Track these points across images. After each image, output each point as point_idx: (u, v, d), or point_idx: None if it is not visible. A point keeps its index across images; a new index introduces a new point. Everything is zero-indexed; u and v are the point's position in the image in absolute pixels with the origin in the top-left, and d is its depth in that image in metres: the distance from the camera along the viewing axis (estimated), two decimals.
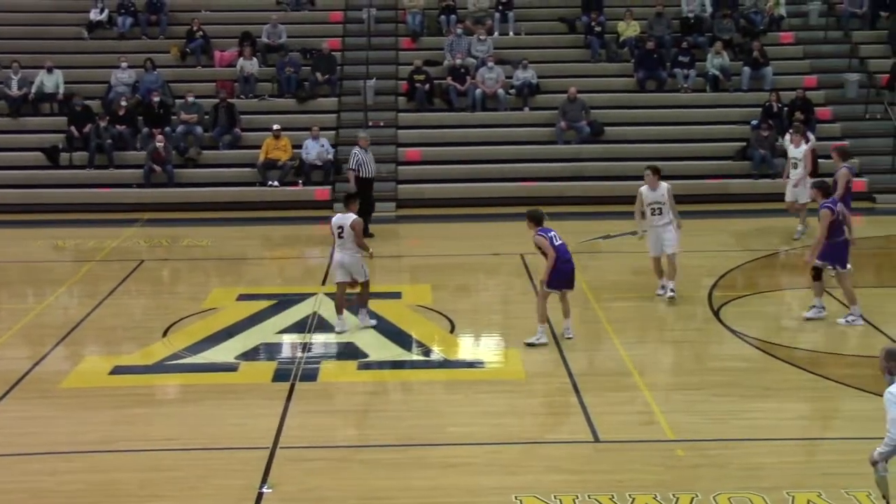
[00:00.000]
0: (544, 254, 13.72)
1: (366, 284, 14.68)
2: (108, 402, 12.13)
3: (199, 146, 24.50)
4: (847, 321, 14.63)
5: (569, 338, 14.01)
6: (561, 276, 13.73)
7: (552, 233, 13.80)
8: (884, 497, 7.95)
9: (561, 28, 28.27)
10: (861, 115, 25.72)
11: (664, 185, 15.67)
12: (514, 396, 12.19)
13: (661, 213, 15.62)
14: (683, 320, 15.33)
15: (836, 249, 14.43)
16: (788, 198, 19.70)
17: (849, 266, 14.60)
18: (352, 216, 14.43)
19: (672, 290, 15.74)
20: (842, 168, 17.74)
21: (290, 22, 27.86)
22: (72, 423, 11.51)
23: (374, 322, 14.83)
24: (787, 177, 19.67)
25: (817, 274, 14.67)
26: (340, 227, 14.42)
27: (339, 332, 14.49)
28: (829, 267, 14.56)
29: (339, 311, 14.66)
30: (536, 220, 13.87)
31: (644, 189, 15.70)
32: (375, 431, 11.23)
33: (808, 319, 14.78)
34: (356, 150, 20.44)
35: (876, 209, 23.15)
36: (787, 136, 23.29)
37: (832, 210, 14.39)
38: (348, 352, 13.94)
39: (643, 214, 15.77)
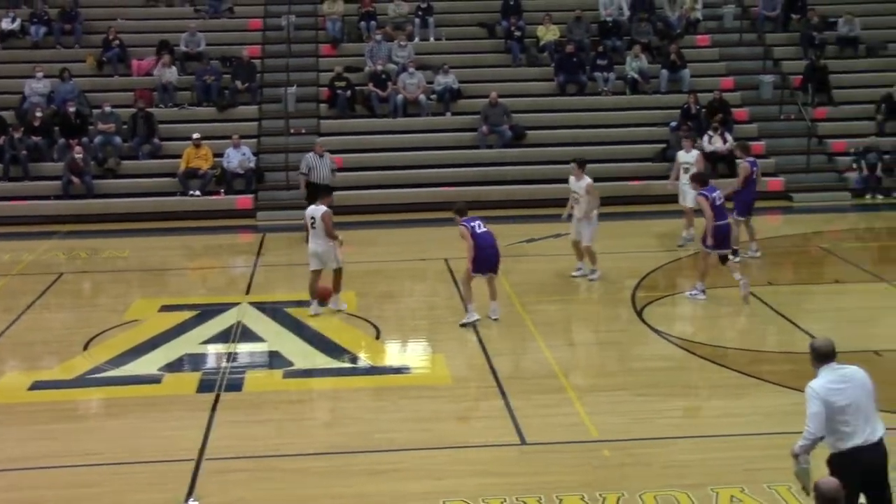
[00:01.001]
0: None
1: (339, 271, 15.64)
2: (27, 419, 11.90)
3: (117, 156, 24.17)
4: (691, 295, 15.91)
5: (494, 318, 14.92)
6: (483, 261, 14.76)
7: (475, 222, 14.86)
8: (804, 489, 8.09)
9: (481, 33, 28.39)
10: (776, 115, 26.18)
11: (587, 179, 16.67)
12: (440, 401, 12.21)
13: (578, 204, 16.72)
14: (607, 321, 15.48)
15: (719, 231, 15.64)
16: (683, 203, 19.61)
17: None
18: (323, 208, 15.34)
19: (593, 272, 16.80)
20: (743, 162, 18.51)
21: (208, 30, 27.62)
22: None
23: (344, 306, 15.74)
24: (677, 179, 19.71)
25: (723, 260, 15.73)
26: (313, 218, 15.40)
27: (312, 315, 15.44)
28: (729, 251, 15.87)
29: (312, 297, 15.58)
30: (460, 212, 14.96)
31: (571, 179, 17.05)
32: (302, 440, 11.16)
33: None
34: (309, 155, 20.44)
35: (793, 208, 23.57)
36: (706, 137, 23.73)
37: (707, 196, 15.59)
38: (274, 361, 13.86)
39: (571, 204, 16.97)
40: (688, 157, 19.53)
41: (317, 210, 15.43)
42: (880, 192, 24.19)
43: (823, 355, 8.15)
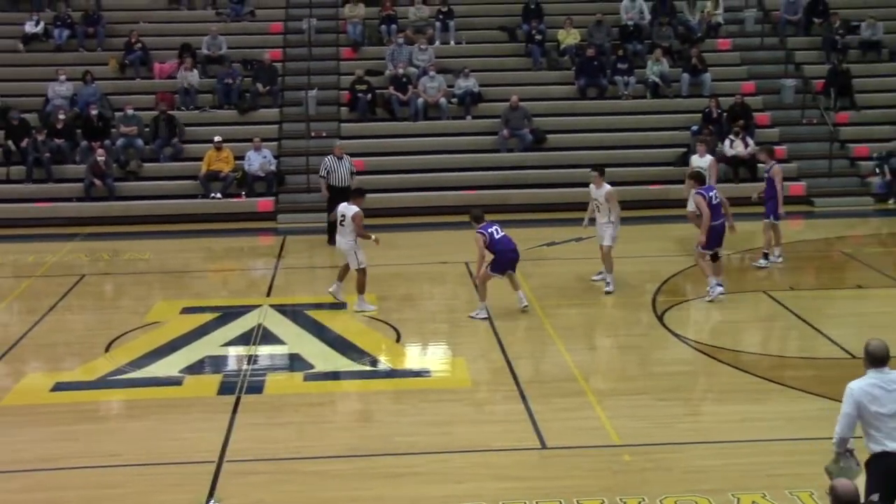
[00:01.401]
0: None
1: (361, 272, 15.95)
2: (49, 420, 11.96)
3: (139, 159, 24.28)
4: (710, 294, 16.00)
5: (524, 306, 15.55)
6: (504, 264, 15.40)
7: (492, 227, 15.38)
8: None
9: (502, 36, 28.39)
10: (798, 119, 26.08)
11: (607, 186, 16.63)
12: (460, 405, 12.21)
13: (600, 211, 16.74)
14: (628, 326, 15.44)
15: (714, 231, 16.01)
16: (690, 207, 19.57)
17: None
18: (355, 209, 15.84)
19: (608, 283, 16.61)
20: (776, 165, 18.41)
21: (230, 33, 27.71)
22: (12, 441, 11.34)
23: (372, 308, 16.01)
24: None
25: (714, 258, 16.16)
26: (343, 216, 15.95)
27: (330, 292, 16.18)
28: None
29: (339, 279, 16.31)
30: (477, 219, 15.48)
31: (592, 186, 16.97)
32: (322, 443, 11.17)
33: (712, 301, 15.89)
34: (328, 158, 20.48)
35: (814, 213, 23.47)
36: (727, 141, 23.65)
37: (704, 195, 15.92)
38: (294, 363, 13.89)
39: (592, 210, 16.99)
40: (701, 161, 19.44)
41: (348, 209, 15.91)
42: None
43: (875, 358, 8.00)
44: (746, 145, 23.83)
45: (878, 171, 24.30)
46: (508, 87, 26.07)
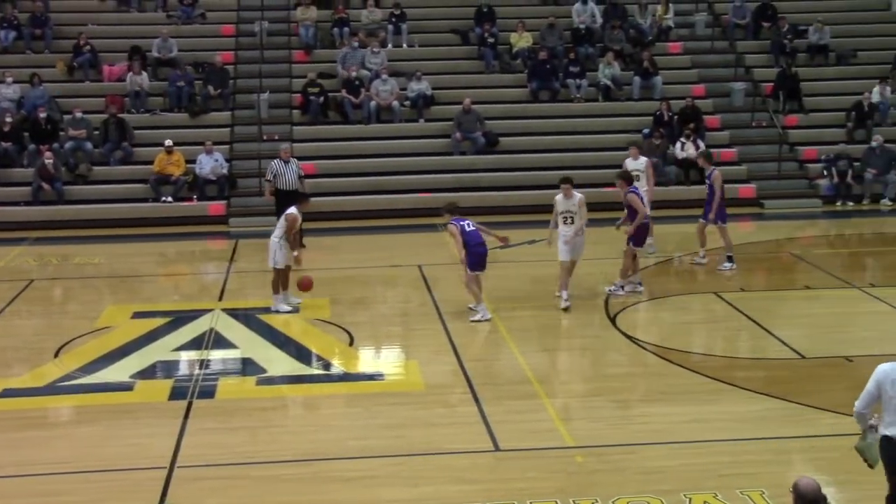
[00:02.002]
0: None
1: (277, 272, 15.93)
2: None
3: (89, 162, 24.01)
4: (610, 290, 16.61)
5: (470, 308, 15.63)
6: (476, 258, 15.34)
7: (466, 221, 15.41)
8: (866, 462, 8.33)
9: (454, 39, 28.42)
10: (747, 122, 26.33)
11: (577, 195, 16.28)
12: (414, 408, 12.18)
13: (572, 222, 16.12)
14: (581, 328, 15.50)
15: (645, 229, 17.03)
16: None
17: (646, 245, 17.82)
18: (293, 210, 15.94)
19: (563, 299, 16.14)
20: (716, 171, 18.56)
21: (180, 35, 27.50)
22: None
23: (287, 308, 16.00)
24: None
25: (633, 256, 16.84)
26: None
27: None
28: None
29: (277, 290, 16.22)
30: (451, 211, 15.54)
31: (559, 198, 16.29)
32: (275, 447, 11.10)
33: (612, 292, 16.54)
34: (275, 161, 20.32)
35: (764, 214, 23.70)
36: (678, 144, 23.84)
37: (637, 193, 16.83)
38: (247, 368, 13.80)
39: (556, 223, 16.35)
40: (636, 164, 19.61)
41: (288, 209, 16.14)
42: (850, 198, 24.36)
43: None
44: (697, 148, 24.02)
45: (826, 173, 24.59)
46: (461, 89, 26.10)
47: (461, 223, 15.37)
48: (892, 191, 24.25)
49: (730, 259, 18.07)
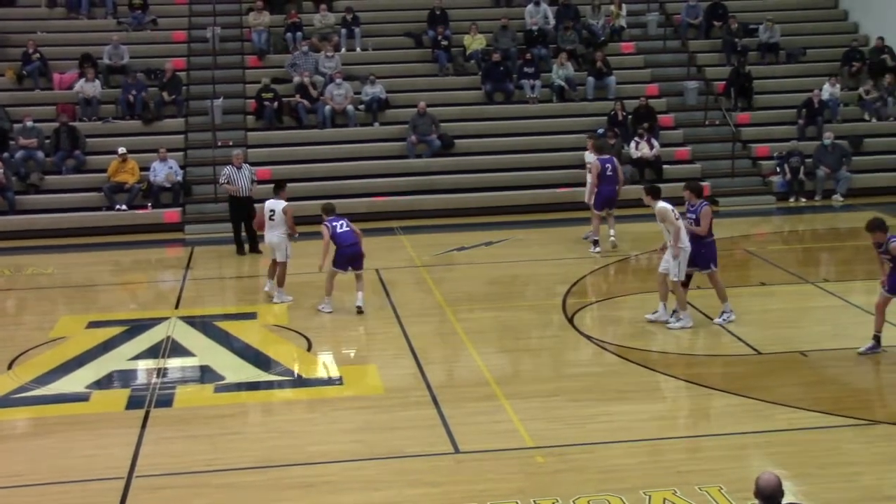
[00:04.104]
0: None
1: (283, 265, 16.65)
2: None
3: (40, 171, 23.75)
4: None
5: (358, 305, 15.97)
6: (343, 258, 15.93)
7: (340, 221, 16.05)
8: None
9: (408, 43, 28.41)
10: (701, 121, 26.52)
11: (660, 203, 14.95)
12: (373, 412, 12.16)
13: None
14: (539, 328, 15.53)
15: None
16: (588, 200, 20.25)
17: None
18: (283, 202, 16.71)
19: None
20: (595, 161, 19.59)
21: (131, 42, 27.26)
22: None
23: (289, 299, 16.70)
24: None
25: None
26: (272, 211, 16.71)
27: (266, 291, 16.95)
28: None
29: (270, 277, 16.93)
30: (326, 211, 16.28)
31: (666, 208, 14.89)
32: (233, 455, 11.02)
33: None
34: (227, 167, 20.23)
35: (718, 212, 23.82)
36: (633, 143, 23.97)
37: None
38: (204, 375, 13.71)
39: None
40: (591, 158, 20.19)
41: (277, 204, 16.75)
42: (803, 195, 24.59)
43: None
44: (651, 147, 24.17)
45: (778, 170, 24.81)
46: (415, 93, 26.09)
47: (334, 223, 16.00)
48: (844, 187, 24.51)
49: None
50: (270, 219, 16.74)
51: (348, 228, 16.05)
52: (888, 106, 26.50)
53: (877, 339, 13.65)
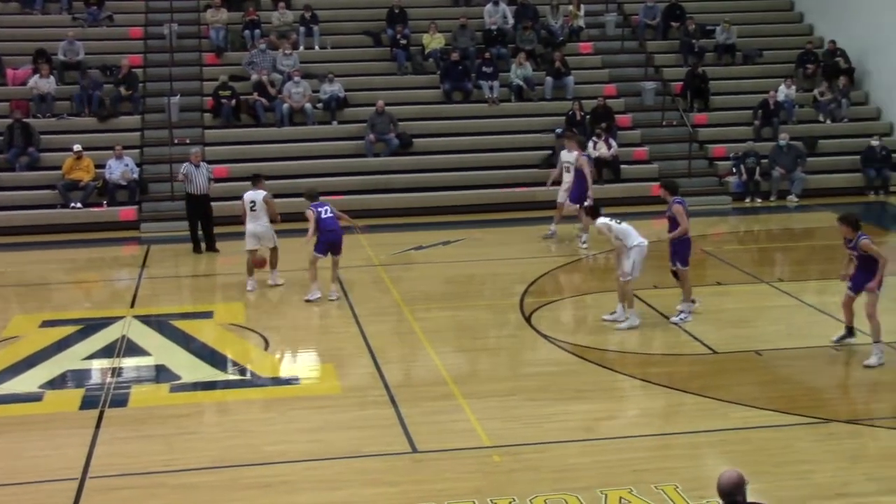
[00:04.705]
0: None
1: (275, 250, 17.37)
2: None
3: None
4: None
5: (332, 299, 16.46)
6: (324, 244, 16.41)
7: (324, 207, 16.54)
8: None
9: (366, 41, 28.35)
10: (658, 121, 26.67)
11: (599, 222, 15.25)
12: (330, 411, 12.13)
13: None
14: (497, 328, 15.55)
15: None
16: (561, 199, 20.41)
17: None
18: (263, 192, 17.26)
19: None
20: (581, 156, 20.00)
21: (87, 38, 27.00)
22: None
23: (281, 281, 17.44)
24: (559, 181, 20.59)
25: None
26: (253, 202, 17.22)
27: (250, 291, 17.22)
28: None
29: (249, 273, 17.37)
30: (310, 197, 16.77)
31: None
32: (190, 455, 10.95)
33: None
34: (185, 165, 20.12)
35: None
36: (591, 143, 24.06)
37: (682, 204, 15.36)
38: (160, 375, 13.61)
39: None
40: (569, 156, 20.38)
41: (257, 195, 17.25)
42: (759, 195, 24.80)
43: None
44: (609, 147, 24.28)
45: (734, 170, 25.00)
46: (374, 91, 26.05)
47: (319, 209, 16.47)
48: (799, 187, 24.75)
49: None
50: (252, 209, 17.21)
51: (332, 214, 16.59)
52: (842, 108, 26.80)
53: (849, 329, 13.89)
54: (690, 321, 15.18)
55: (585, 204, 18.70)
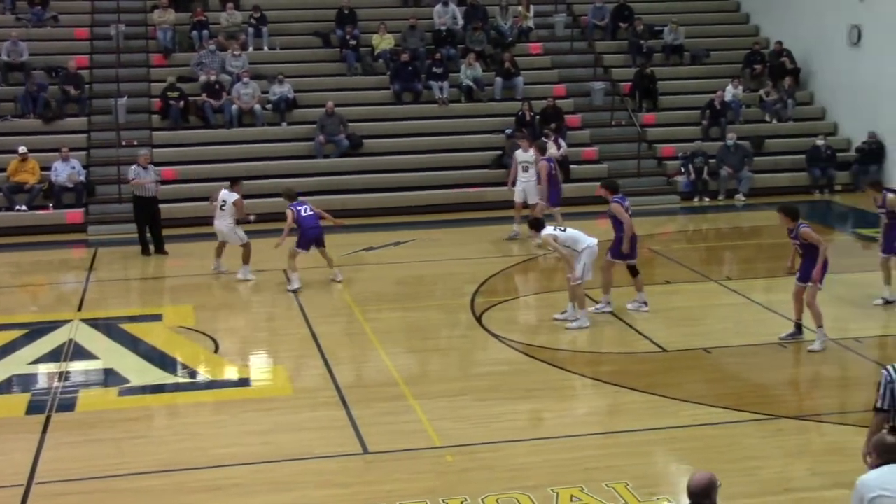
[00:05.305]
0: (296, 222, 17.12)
1: (246, 245, 17.91)
2: None
3: None
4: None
5: (339, 280, 17.46)
6: (307, 239, 17.17)
7: (304, 206, 17.27)
8: None
9: (316, 42, 28.25)
10: (607, 121, 26.82)
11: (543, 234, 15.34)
12: (281, 413, 12.09)
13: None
14: (448, 328, 15.57)
15: None
16: (518, 199, 20.58)
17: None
18: (236, 195, 17.88)
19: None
20: (542, 161, 20.05)
21: (31, 39, 26.66)
22: None
23: (252, 277, 17.87)
24: (514, 181, 20.80)
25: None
26: (224, 202, 17.88)
27: (214, 270, 18.28)
28: None
29: (217, 256, 18.36)
30: (289, 196, 17.46)
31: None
32: (140, 458, 10.86)
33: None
34: (134, 167, 19.90)
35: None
36: (541, 140, 24.08)
37: (622, 203, 15.58)
38: (108, 378, 13.48)
39: None
40: (526, 155, 20.59)
41: (229, 196, 17.88)
42: (707, 194, 25.01)
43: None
44: (559, 147, 24.34)
45: (683, 170, 25.20)
46: (324, 92, 25.97)
47: (298, 208, 17.17)
48: (746, 186, 24.99)
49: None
50: (221, 208, 17.84)
51: (312, 212, 17.29)
52: (788, 108, 27.10)
53: (798, 326, 14.11)
54: (646, 311, 15.44)
55: (529, 218, 18.41)
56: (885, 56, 24.36)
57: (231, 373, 13.94)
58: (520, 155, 20.85)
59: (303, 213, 17.17)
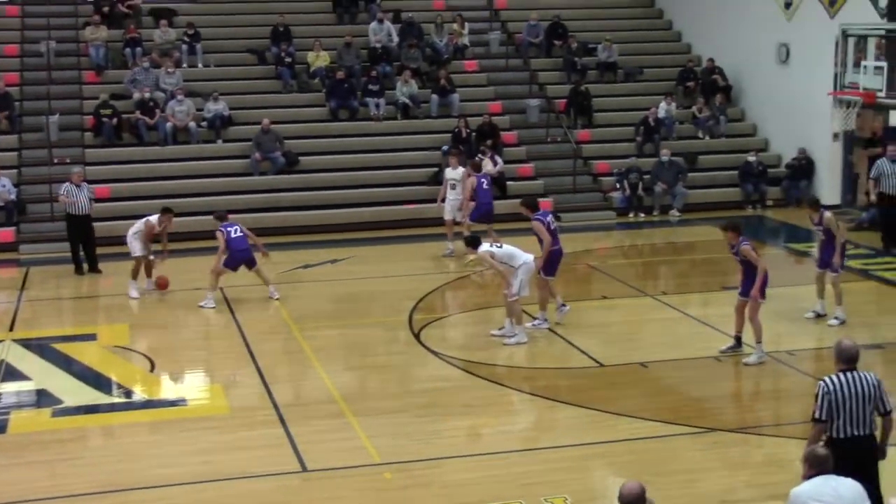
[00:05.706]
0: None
1: (138, 260, 18.03)
2: None
3: None
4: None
5: (276, 298, 17.39)
6: (235, 261, 17.21)
7: (234, 227, 17.23)
8: None
9: (251, 59, 28.13)
10: (543, 138, 26.99)
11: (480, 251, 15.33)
12: (218, 432, 11.99)
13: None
14: (386, 344, 15.55)
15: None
16: (448, 217, 20.74)
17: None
18: (153, 219, 18.09)
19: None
20: (472, 177, 20.40)
21: None
22: None
23: (136, 296, 17.91)
24: (444, 198, 20.93)
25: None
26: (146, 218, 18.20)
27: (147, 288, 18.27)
28: None
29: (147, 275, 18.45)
30: (220, 218, 17.51)
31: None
32: (73, 481, 10.70)
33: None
34: (67, 185, 19.61)
35: (561, 227, 24.09)
36: (477, 158, 24.21)
37: (542, 221, 15.75)
38: (41, 399, 13.26)
39: None
40: (454, 173, 20.76)
41: (151, 217, 18.29)
42: (642, 210, 25.25)
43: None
44: (495, 164, 24.46)
45: (618, 186, 25.42)
46: (259, 109, 25.86)
47: (227, 229, 17.11)
48: (680, 202, 25.27)
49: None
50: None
51: (242, 234, 17.25)
52: (720, 124, 27.47)
53: (737, 339, 14.30)
54: (545, 328, 15.63)
55: (465, 235, 18.55)
56: (813, 74, 24.80)
57: (167, 392, 13.80)
58: (448, 173, 21.01)
59: (232, 235, 17.11)
